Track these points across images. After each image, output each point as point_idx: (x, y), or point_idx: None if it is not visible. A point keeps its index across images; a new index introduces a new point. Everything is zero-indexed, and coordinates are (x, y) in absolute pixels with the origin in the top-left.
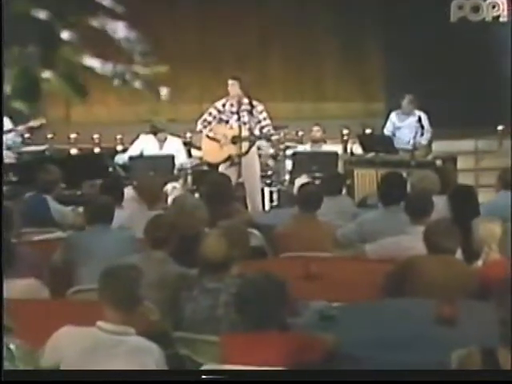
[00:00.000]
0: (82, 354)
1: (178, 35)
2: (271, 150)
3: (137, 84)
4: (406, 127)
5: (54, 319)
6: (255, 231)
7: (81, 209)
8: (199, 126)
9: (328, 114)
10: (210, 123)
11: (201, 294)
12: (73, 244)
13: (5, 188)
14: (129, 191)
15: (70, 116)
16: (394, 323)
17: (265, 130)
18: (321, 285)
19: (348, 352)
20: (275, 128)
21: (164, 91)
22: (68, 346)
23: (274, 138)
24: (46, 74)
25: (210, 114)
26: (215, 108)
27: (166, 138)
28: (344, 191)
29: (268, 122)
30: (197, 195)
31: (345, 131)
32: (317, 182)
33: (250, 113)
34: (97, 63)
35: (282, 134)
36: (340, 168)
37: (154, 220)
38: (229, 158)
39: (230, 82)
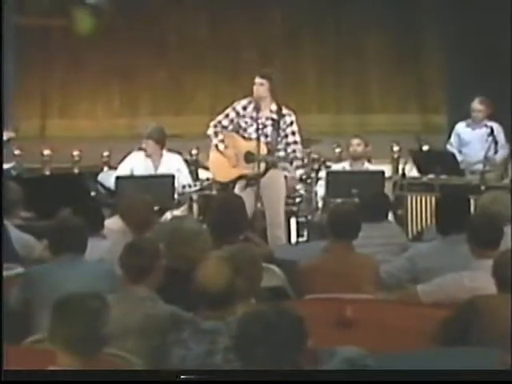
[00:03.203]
0: None
1: (184, 29)
2: (299, 171)
3: None
4: (475, 142)
5: None
6: (275, 268)
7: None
8: (211, 130)
9: (374, 128)
10: (224, 128)
11: (193, 337)
12: (32, 280)
13: None
14: (115, 220)
15: (45, 128)
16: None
17: (289, 150)
18: (357, 334)
19: None
20: (306, 141)
21: None
22: None
23: (298, 165)
24: None
25: (227, 116)
26: (234, 110)
27: (161, 155)
28: (392, 219)
29: (297, 138)
30: (205, 226)
31: (395, 148)
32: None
33: (277, 123)
34: None
35: (308, 150)
36: (388, 191)
37: (132, 245)
38: (240, 177)
39: (258, 80)
